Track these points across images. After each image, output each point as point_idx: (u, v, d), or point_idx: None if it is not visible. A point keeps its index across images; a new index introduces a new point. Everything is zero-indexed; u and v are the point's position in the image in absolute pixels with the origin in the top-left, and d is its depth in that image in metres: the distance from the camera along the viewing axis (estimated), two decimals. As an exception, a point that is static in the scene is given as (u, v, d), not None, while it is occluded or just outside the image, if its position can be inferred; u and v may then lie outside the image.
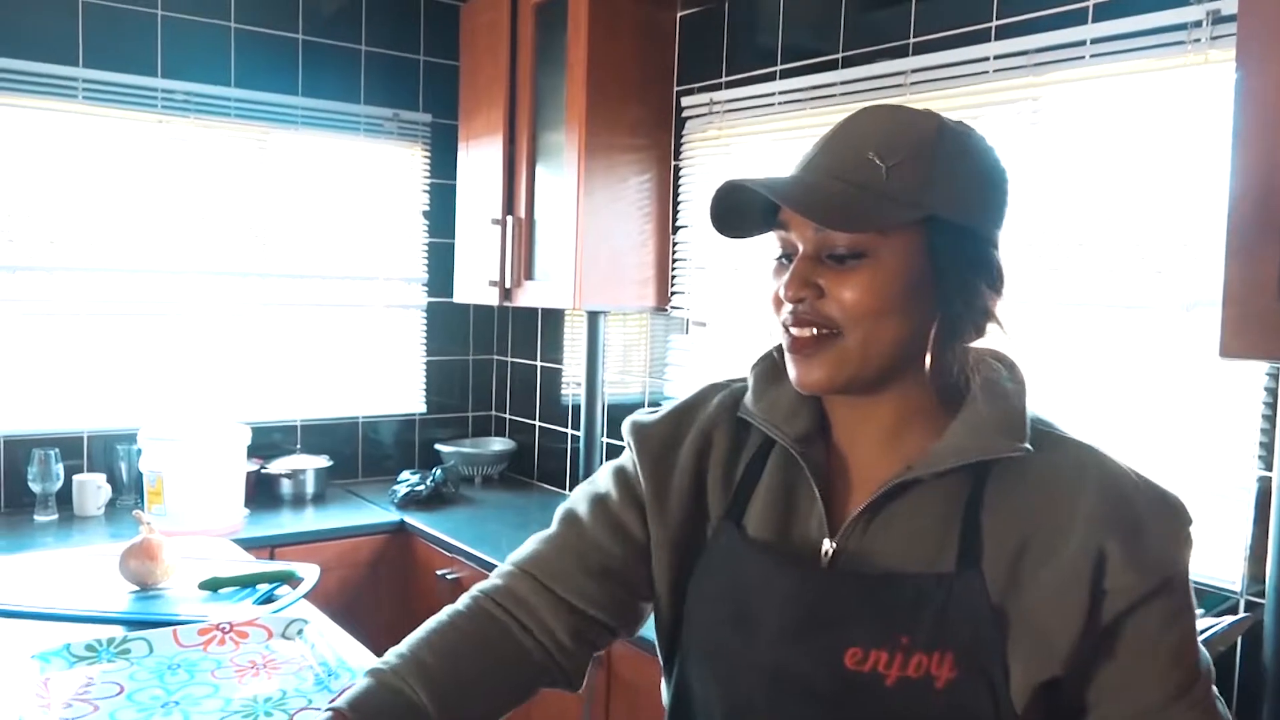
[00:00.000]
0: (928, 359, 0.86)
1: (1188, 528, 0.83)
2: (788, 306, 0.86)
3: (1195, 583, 1.70)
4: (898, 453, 0.88)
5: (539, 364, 3.42)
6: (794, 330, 0.86)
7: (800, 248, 0.86)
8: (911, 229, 0.83)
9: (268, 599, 1.74)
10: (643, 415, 1.03)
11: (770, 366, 0.96)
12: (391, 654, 0.96)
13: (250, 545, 2.40)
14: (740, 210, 0.88)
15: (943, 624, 0.81)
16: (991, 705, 0.80)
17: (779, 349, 0.93)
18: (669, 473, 0.97)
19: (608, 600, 0.99)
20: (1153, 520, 0.81)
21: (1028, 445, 0.84)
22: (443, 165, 3.35)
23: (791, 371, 0.88)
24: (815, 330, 0.85)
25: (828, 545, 0.88)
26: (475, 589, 1.03)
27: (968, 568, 0.82)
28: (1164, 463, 1.78)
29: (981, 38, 2.05)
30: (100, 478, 2.77)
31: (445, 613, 1.00)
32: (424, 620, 1.01)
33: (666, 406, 1.03)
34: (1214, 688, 0.84)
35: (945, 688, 0.80)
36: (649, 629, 1.03)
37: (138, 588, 1.77)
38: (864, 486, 0.89)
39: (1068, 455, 0.85)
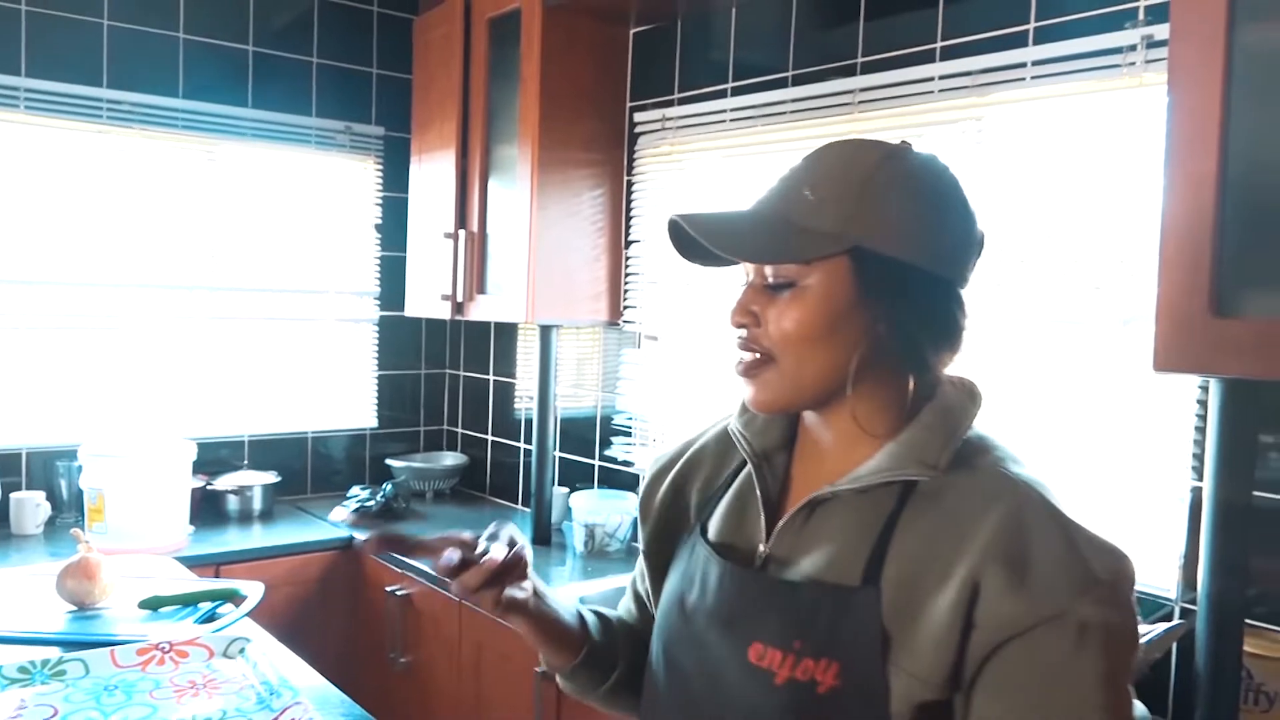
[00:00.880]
0: (848, 386, 0.88)
1: (1094, 579, 0.78)
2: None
3: (1151, 596, 1.74)
4: (841, 468, 0.91)
5: (491, 378, 3.41)
6: (741, 353, 0.91)
7: (750, 276, 0.91)
8: (838, 260, 0.85)
9: (210, 618, 1.71)
10: (658, 452, 1.19)
11: None
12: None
13: (195, 563, 2.37)
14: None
15: (833, 634, 0.83)
16: (870, 717, 0.81)
17: None
18: (657, 490, 1.08)
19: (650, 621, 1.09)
20: (1047, 557, 0.78)
21: (935, 471, 0.85)
22: (395, 178, 3.33)
23: (743, 392, 0.93)
24: (756, 355, 0.89)
25: (762, 549, 0.93)
26: None
27: (868, 583, 0.83)
28: (1102, 474, 1.82)
29: (927, 58, 2.09)
30: (39, 495, 2.71)
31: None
32: (374, 637, 1.03)
33: (683, 437, 1.13)
34: None
35: (826, 694, 0.82)
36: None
37: (75, 608, 1.73)
38: (806, 497, 0.92)
39: (986, 484, 0.84)
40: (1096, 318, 1.81)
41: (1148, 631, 1.50)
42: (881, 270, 0.85)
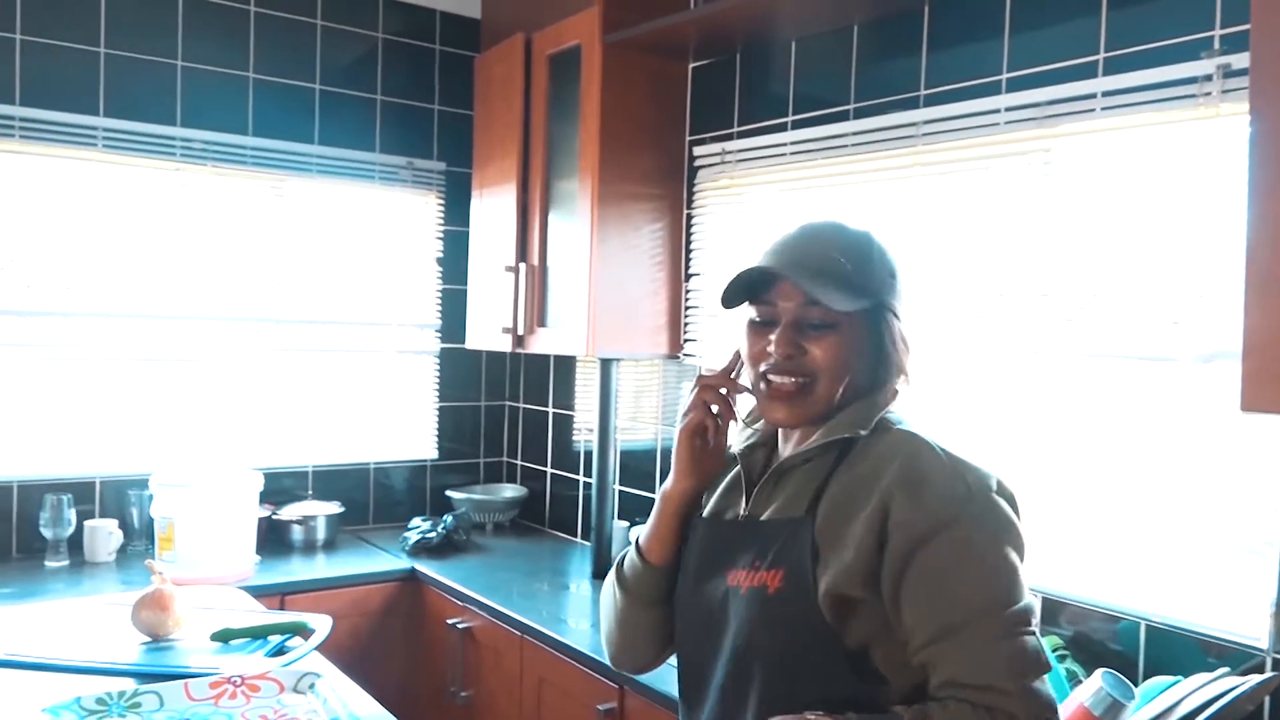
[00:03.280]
0: (838, 393, 1.18)
1: (974, 487, 1.08)
2: (773, 361, 1.18)
3: (1221, 639, 1.68)
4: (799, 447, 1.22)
5: (550, 410, 3.42)
6: (776, 379, 1.18)
7: (782, 318, 1.18)
8: (863, 309, 1.18)
9: (279, 651, 1.73)
10: None
11: None
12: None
13: (261, 593, 2.39)
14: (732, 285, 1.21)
15: (781, 552, 1.14)
16: (804, 607, 1.10)
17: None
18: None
19: None
20: (936, 479, 1.08)
21: (863, 432, 1.16)
22: (456, 212, 3.38)
23: (769, 410, 1.21)
24: (794, 379, 1.17)
25: (743, 510, 1.25)
26: None
27: (808, 515, 1.14)
28: (1186, 518, 1.77)
29: (992, 90, 2.07)
30: (112, 523, 2.77)
31: None
32: (435, 670, 1.09)
33: None
34: (1031, 626, 1.04)
35: (773, 594, 1.13)
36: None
37: (149, 639, 1.76)
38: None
39: (889, 440, 1.15)
40: (1176, 354, 1.76)
41: (1239, 684, 1.44)
42: (884, 318, 1.20)
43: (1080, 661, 1.83)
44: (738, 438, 1.32)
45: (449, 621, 2.64)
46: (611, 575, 1.35)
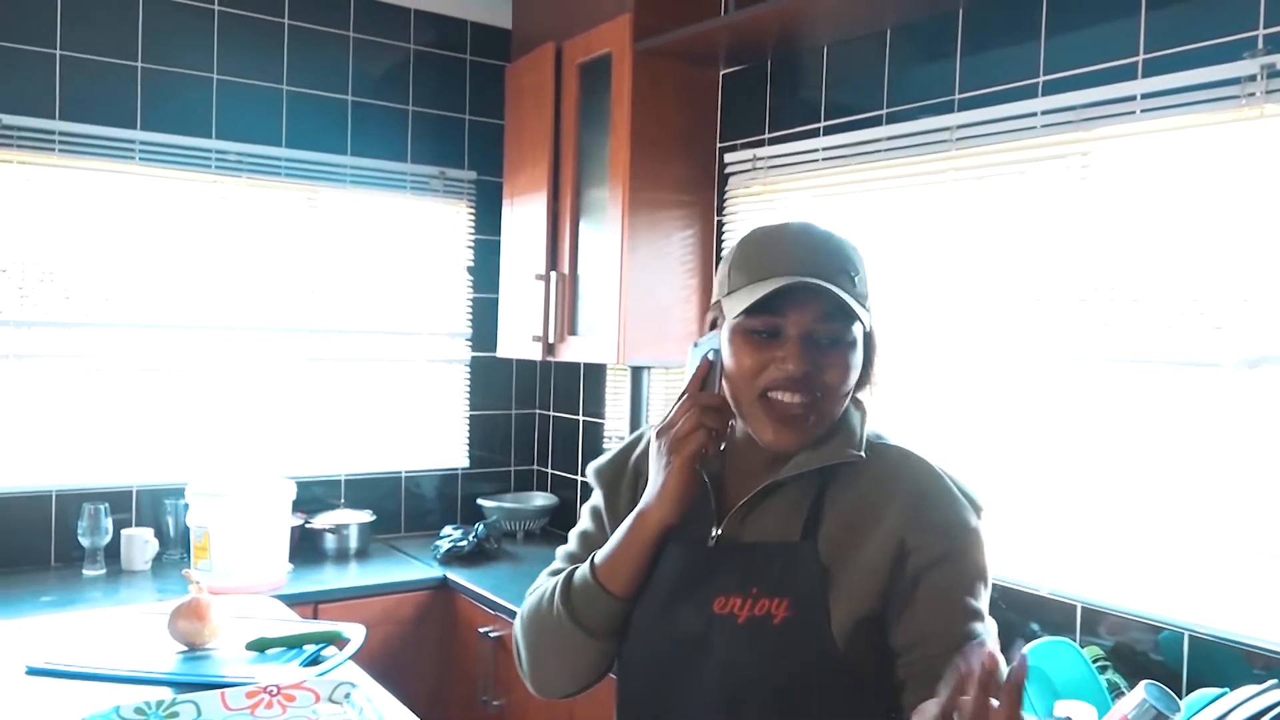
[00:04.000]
0: (839, 412, 1.14)
1: (972, 511, 1.10)
2: (786, 377, 1.08)
3: (1268, 650, 1.65)
4: (777, 466, 1.13)
5: (581, 418, 3.41)
6: (784, 397, 1.09)
7: (792, 330, 1.09)
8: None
9: (314, 660, 1.73)
10: (598, 460, 1.32)
11: None
12: None
13: (294, 601, 2.40)
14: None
15: (783, 577, 1.08)
16: (816, 636, 1.05)
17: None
18: (617, 497, 1.27)
19: None
20: (940, 504, 1.08)
21: (861, 454, 1.12)
22: (487, 221, 3.39)
23: (770, 431, 1.10)
24: (802, 399, 1.09)
25: (715, 531, 1.15)
26: None
27: (807, 539, 1.09)
28: (1229, 526, 1.73)
29: (1028, 93, 2.04)
30: (148, 532, 2.79)
31: None
32: (466, 679, 1.06)
33: (615, 447, 1.32)
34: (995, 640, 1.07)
35: (780, 624, 1.06)
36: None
37: (186, 648, 1.77)
38: (752, 488, 1.14)
39: (887, 461, 1.13)
40: (1219, 359, 1.73)
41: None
42: (872, 332, 1.16)
43: (1122, 673, 1.80)
44: None
45: (481, 630, 2.64)
46: (553, 597, 1.18)
